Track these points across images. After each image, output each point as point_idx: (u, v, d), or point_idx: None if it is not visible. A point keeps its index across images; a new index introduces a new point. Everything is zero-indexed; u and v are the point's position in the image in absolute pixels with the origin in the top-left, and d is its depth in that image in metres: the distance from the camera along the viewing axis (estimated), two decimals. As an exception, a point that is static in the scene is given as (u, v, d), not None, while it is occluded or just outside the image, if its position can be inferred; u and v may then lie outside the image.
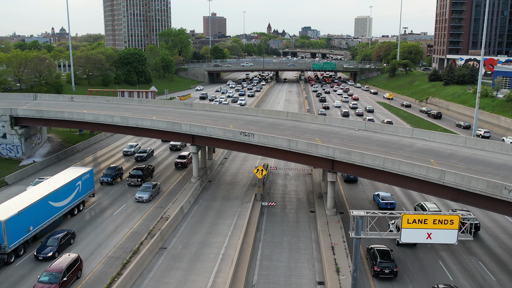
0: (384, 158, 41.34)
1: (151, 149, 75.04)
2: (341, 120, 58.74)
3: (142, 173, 59.75)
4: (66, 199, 47.11)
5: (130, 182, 58.90)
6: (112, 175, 60.11)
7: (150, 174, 62.29)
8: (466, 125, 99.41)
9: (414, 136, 51.97)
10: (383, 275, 36.04)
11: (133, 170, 60.74)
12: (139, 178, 58.93)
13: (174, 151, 77.71)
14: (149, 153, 73.56)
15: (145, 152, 72.51)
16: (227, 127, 57.17)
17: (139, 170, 60.47)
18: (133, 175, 59.48)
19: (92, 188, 53.09)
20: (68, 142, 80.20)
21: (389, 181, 43.04)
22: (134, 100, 76.17)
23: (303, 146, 46.83)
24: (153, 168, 63.59)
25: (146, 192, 53.65)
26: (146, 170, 61.31)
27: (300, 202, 54.23)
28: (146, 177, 60.48)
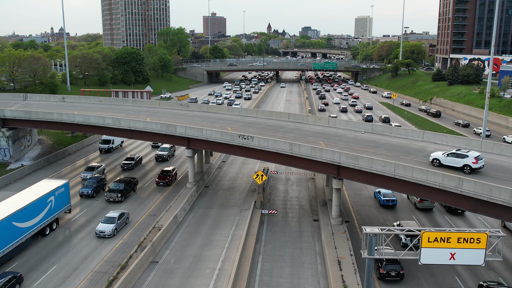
0: (395, 164, 37.94)
1: (139, 157, 68.23)
2: (346, 122, 55.31)
3: (123, 188, 52.42)
4: (35, 218, 40.88)
5: (109, 198, 51.39)
6: (94, 187, 53.67)
7: (133, 188, 54.94)
8: (465, 124, 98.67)
9: (425, 139, 48.55)
10: (389, 277, 35.09)
11: (113, 184, 53.42)
12: (119, 193, 51.65)
13: (161, 162, 68.96)
14: (137, 160, 66.60)
15: (133, 160, 65.68)
16: (225, 129, 53.79)
17: (120, 183, 53.12)
18: (113, 189, 52.20)
19: (68, 204, 46.85)
20: (59, 145, 76.81)
21: (401, 189, 39.65)
22: (128, 100, 72.78)
23: (307, 151, 43.43)
24: (136, 181, 56.19)
25: (110, 224, 43.01)
26: (128, 184, 53.84)
27: (303, 210, 50.81)
28: (128, 192, 53.39)
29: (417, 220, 46.80)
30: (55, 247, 41.19)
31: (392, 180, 38.92)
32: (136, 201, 52.60)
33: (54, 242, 42.10)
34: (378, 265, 35.84)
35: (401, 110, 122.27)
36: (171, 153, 71.20)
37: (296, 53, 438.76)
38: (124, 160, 65.93)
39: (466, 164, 38.34)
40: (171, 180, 58.27)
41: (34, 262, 38.30)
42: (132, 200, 52.85)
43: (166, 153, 69.36)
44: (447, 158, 39.65)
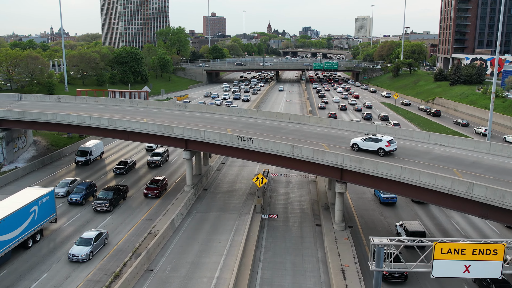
0: (402, 168, 36.23)
1: (133, 161, 65.02)
2: (349, 123, 53.60)
3: (112, 196, 48.79)
4: (16, 230, 37.81)
5: (96, 207, 47.91)
6: (83, 194, 50.60)
7: (123, 197, 51.42)
8: (464, 123, 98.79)
9: (431, 141, 46.83)
10: (393, 279, 34.51)
11: (101, 192, 49.83)
12: (107, 202, 48.05)
13: (153, 168, 65.09)
14: (130, 165, 63.38)
15: (126, 164, 62.57)
16: (223, 130, 52.07)
17: (109, 191, 49.58)
18: (101, 198, 48.68)
19: (53, 213, 43.64)
20: (55, 146, 75.10)
21: (407, 193, 37.95)
22: (125, 101, 71.03)
23: (308, 153, 41.72)
24: (126, 189, 52.50)
25: (85, 246, 37.91)
26: (117, 192, 50.28)
27: (304, 214, 49.10)
28: (117, 200, 49.87)
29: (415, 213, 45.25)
30: (38, 260, 38.09)
31: (398, 184, 37.22)
32: (125, 211, 48.96)
33: (37, 256, 38.89)
34: None
35: (401, 109, 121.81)
36: (164, 159, 67.30)
37: (296, 53, 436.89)
38: (117, 165, 62.94)
39: (380, 148, 42.19)
40: (161, 191, 53.57)
41: (14, 279, 35.18)
42: (121, 210, 49.26)
43: (159, 158, 65.45)
44: (364, 142, 43.48)
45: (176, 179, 60.24)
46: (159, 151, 67.09)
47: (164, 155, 67.62)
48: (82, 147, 66.83)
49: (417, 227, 40.87)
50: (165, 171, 63.88)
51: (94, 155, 66.81)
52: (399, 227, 42.89)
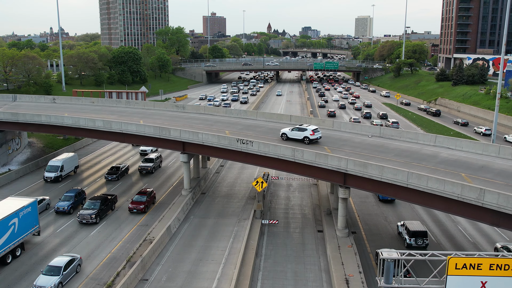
0: (408, 173, 34.54)
1: (126, 166, 62.02)
2: (352, 125, 51.88)
3: (98, 207, 45.35)
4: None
5: (81, 219, 44.43)
6: (71, 202, 47.66)
7: (111, 207, 48.06)
8: (464, 122, 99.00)
9: (437, 144, 45.14)
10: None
11: (87, 202, 46.23)
12: (93, 213, 44.50)
13: (145, 175, 61.40)
14: (122, 170, 60.30)
15: (118, 170, 59.53)
16: (222, 132, 50.41)
17: (95, 201, 45.97)
18: (86, 208, 45.27)
19: (36, 225, 40.50)
20: (50, 148, 73.45)
21: (414, 200, 36.22)
22: (121, 102, 69.30)
23: (310, 157, 40.02)
24: (114, 198, 49.18)
25: (53, 276, 33.03)
26: (105, 202, 46.72)
27: (306, 219, 47.40)
28: (104, 211, 46.47)
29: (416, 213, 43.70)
30: (18, 277, 35.07)
31: (405, 190, 35.53)
32: (113, 223, 45.47)
33: (17, 272, 35.86)
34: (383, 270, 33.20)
35: (402, 110, 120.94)
36: (157, 165, 63.57)
37: (296, 53, 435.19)
38: (109, 170, 59.99)
39: (306, 136, 45.70)
40: (148, 206, 48.62)
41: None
42: (109, 222, 45.77)
43: (151, 164, 61.76)
44: (292, 132, 46.85)
45: (174, 183, 58.53)
46: (152, 156, 63.49)
47: (157, 161, 63.90)
48: (52, 161, 58.73)
49: (419, 227, 40.73)
50: (158, 178, 60.17)
51: (66, 170, 58.90)
52: (401, 227, 42.73)
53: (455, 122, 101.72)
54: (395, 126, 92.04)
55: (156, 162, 63.37)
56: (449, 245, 41.70)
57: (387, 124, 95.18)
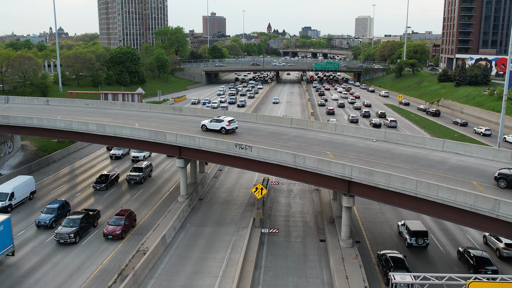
0: (417, 181, 32.45)
1: (115, 174, 58.24)
2: (356, 129, 49.77)
3: (78, 224, 40.97)
4: None
5: (59, 239, 40.10)
6: (54, 216, 43.90)
7: (93, 223, 43.67)
8: (463, 122, 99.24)
9: (445, 149, 43.05)
10: None
11: (66, 219, 41.71)
12: (72, 232, 40.11)
13: (134, 185, 57.12)
14: (112, 179, 56.74)
15: (107, 178, 55.86)
16: (220, 137, 48.29)
17: (75, 218, 41.51)
18: (66, 225, 41.00)
19: (10, 245, 36.82)
20: (43, 151, 71.36)
21: (423, 210, 34.11)
22: (116, 103, 67.18)
23: (313, 163, 37.94)
24: (97, 214, 44.73)
25: None
26: (86, 219, 42.17)
27: (307, 228, 45.32)
28: (85, 229, 42.15)
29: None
30: None
31: (413, 199, 33.45)
32: (94, 242, 41.01)
33: None
34: (385, 271, 34.24)
35: (401, 109, 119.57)
36: (146, 174, 59.25)
37: (296, 53, 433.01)
38: (97, 179, 56.28)
39: (223, 127, 49.09)
40: (126, 230, 42.48)
41: None
42: (90, 240, 41.38)
43: (140, 174, 57.55)
44: (211, 123, 50.02)
45: (170, 188, 56.41)
46: (141, 165, 59.38)
47: (147, 170, 59.58)
48: (1, 187, 49.54)
49: (420, 227, 40.55)
50: (148, 190, 55.70)
51: (18, 197, 49.54)
52: (401, 226, 42.72)
53: (454, 122, 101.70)
54: (393, 124, 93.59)
55: (145, 172, 59.03)
56: (450, 246, 40.96)
57: (385, 122, 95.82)
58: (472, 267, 35.52)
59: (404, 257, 35.31)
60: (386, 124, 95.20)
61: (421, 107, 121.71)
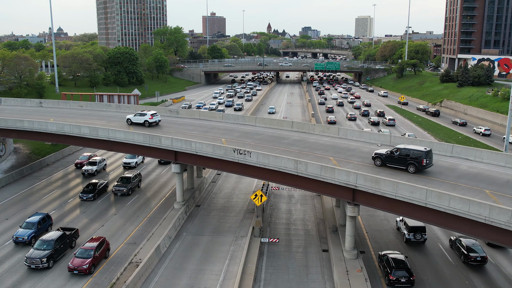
0: (427, 191, 30.40)
1: (104, 183, 54.40)
2: (360, 132, 47.65)
3: (52, 247, 36.05)
4: None
5: (30, 264, 35.13)
6: (33, 231, 40.14)
7: (70, 245, 38.77)
8: (462, 122, 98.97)
9: (454, 154, 40.99)
10: (399, 284, 33.91)
11: (39, 241, 36.89)
12: (45, 256, 35.25)
13: (121, 197, 52.63)
14: (100, 188, 52.96)
15: (95, 187, 52.24)
16: (218, 140, 46.30)
17: (49, 240, 36.61)
18: (38, 248, 36.14)
19: None
20: (36, 154, 69.26)
21: (433, 220, 32.02)
22: (111, 105, 65.10)
23: (315, 170, 35.88)
24: (75, 233, 39.93)
25: None
26: (61, 240, 37.40)
27: (309, 236, 43.26)
28: (60, 252, 37.17)
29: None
30: None
31: (423, 209, 31.38)
32: None
33: None
34: (387, 271, 34.75)
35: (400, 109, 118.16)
36: (134, 185, 54.80)
37: (296, 53, 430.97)
38: (85, 188, 52.46)
39: (146, 120, 52.84)
40: (94, 264, 35.73)
41: None
42: (66, 266, 35.93)
43: (127, 186, 52.95)
44: (135, 117, 53.57)
45: (166, 194, 54.32)
46: (129, 175, 54.83)
47: (135, 180, 54.75)
48: None
49: (418, 222, 40.72)
50: (137, 202, 51.26)
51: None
52: (400, 222, 43.77)
53: (453, 122, 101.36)
54: (392, 123, 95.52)
55: (133, 183, 54.26)
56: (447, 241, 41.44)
57: (384, 121, 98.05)
58: (462, 254, 38.07)
59: (405, 258, 35.82)
60: (384, 123, 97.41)
61: (420, 107, 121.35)
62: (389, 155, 37.25)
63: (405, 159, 36.41)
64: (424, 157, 35.57)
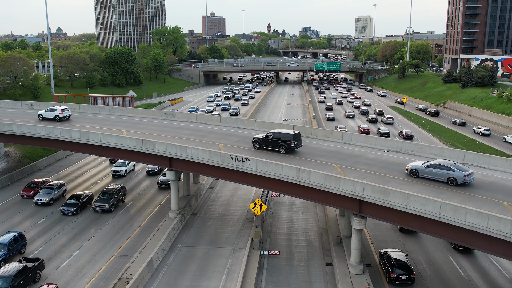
0: (441, 203, 27.93)
1: (88, 195, 49.67)
2: (365, 137, 45.12)
3: (8, 285, 30.53)
4: None
5: None
6: (2, 254, 35.93)
7: (33, 279, 33.33)
8: (461, 122, 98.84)
9: (466, 161, 38.45)
10: (400, 281, 34.08)
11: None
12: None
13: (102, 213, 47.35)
14: (84, 201, 48.39)
15: (79, 200, 47.61)
16: (215, 145, 43.83)
17: (6, 276, 31.13)
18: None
19: None
20: (28, 158, 66.72)
21: (448, 235, 29.57)
22: (105, 108, 62.58)
23: (319, 179, 33.39)
24: (39, 265, 34.30)
25: None
26: (21, 276, 31.95)
27: (312, 248, 40.77)
28: (23, 286, 32.03)
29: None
30: None
31: (436, 223, 28.92)
32: None
33: None
34: (388, 269, 34.78)
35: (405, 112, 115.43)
36: (117, 201, 48.85)
37: (296, 53, 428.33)
38: (67, 200, 47.94)
39: (56, 115, 54.95)
40: None
41: None
42: None
43: (108, 202, 47.41)
44: (46, 112, 55.58)
45: (161, 201, 51.80)
46: (111, 190, 49.31)
47: (117, 196, 49.19)
48: None
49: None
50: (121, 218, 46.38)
51: None
52: None
53: (452, 122, 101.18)
54: (390, 121, 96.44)
55: (116, 198, 48.72)
56: None
57: (382, 119, 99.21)
58: None
59: (406, 255, 35.90)
60: (383, 121, 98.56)
61: (419, 107, 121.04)
62: (264, 139, 41.75)
63: (277, 141, 40.97)
64: (292, 139, 40.45)
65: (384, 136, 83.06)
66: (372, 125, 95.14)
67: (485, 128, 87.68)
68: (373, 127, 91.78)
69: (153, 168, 60.39)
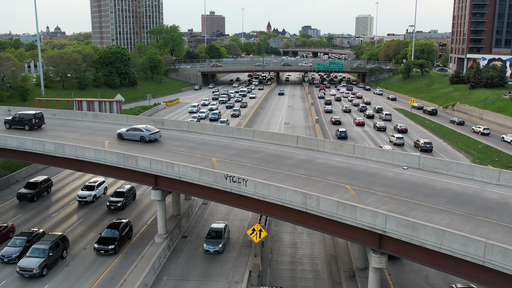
0: (487, 244, 22.21)
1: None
2: (380, 151, 39.23)
3: None
4: None
5: None
6: None
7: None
8: (460, 121, 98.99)
9: (502, 182, 32.67)
10: None
11: None
12: None
13: None
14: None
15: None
16: (207, 160, 38.08)
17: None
18: None
19: None
20: (5, 169, 60.81)
21: (492, 283, 23.71)
22: (88, 115, 56.73)
23: (330, 207, 27.64)
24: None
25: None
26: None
27: (319, 281, 34.99)
28: None
29: None
30: None
31: (479, 268, 23.19)
32: None
33: None
34: None
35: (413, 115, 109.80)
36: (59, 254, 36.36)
37: (296, 53, 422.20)
38: None
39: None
40: None
41: None
42: None
43: (47, 246, 34.73)
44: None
45: (147, 221, 45.99)
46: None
47: (58, 243, 36.65)
48: None
49: None
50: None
51: None
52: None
53: (451, 121, 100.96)
54: (388, 118, 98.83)
55: (57, 251, 35.89)
56: None
57: (380, 116, 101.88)
58: None
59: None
60: (381, 117, 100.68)
61: (415, 105, 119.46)
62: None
63: None
64: None
65: (380, 130, 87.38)
66: (369, 120, 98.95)
67: (485, 128, 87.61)
68: (371, 123, 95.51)
69: (116, 202, 47.23)
